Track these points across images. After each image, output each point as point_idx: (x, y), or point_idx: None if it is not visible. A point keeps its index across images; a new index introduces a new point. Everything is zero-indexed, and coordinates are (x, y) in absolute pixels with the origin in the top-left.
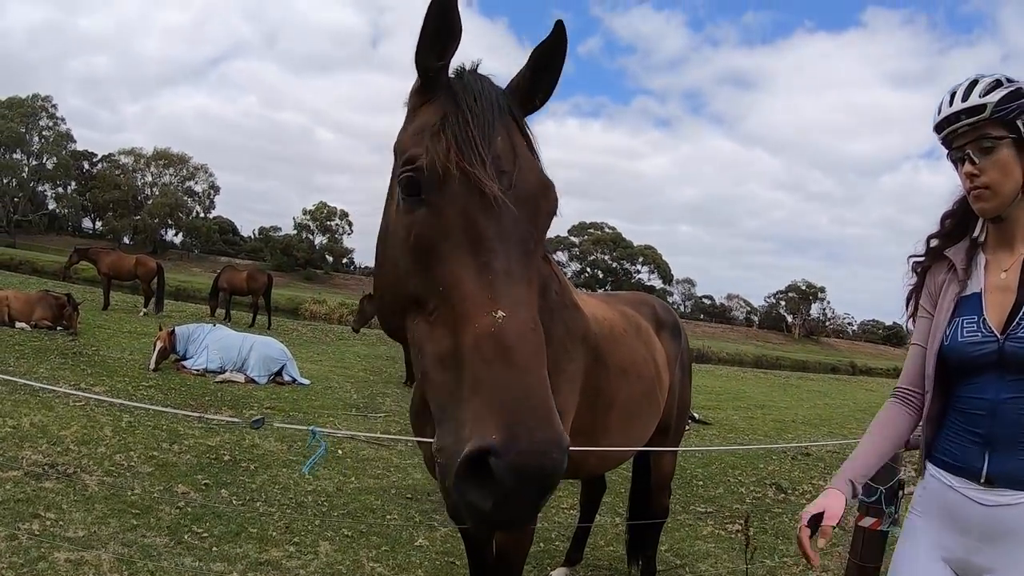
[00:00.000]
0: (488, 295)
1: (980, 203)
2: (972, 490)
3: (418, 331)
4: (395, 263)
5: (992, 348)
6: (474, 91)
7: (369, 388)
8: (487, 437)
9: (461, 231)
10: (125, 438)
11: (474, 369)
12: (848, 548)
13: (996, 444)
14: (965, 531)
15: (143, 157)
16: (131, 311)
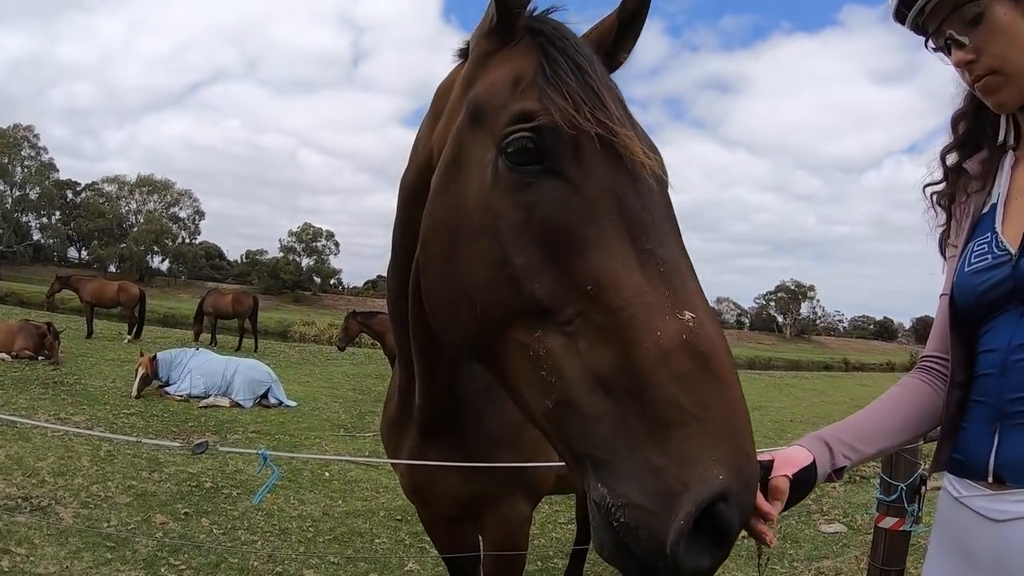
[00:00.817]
0: (665, 292)
1: (993, 96)
2: (979, 498)
3: (547, 347)
4: (492, 258)
5: (1004, 274)
6: (567, 38)
7: (357, 407)
8: (714, 479)
9: (614, 212)
10: (103, 468)
11: (667, 391)
12: (867, 552)
13: (1007, 418)
14: (975, 567)
15: (127, 184)
16: (115, 339)
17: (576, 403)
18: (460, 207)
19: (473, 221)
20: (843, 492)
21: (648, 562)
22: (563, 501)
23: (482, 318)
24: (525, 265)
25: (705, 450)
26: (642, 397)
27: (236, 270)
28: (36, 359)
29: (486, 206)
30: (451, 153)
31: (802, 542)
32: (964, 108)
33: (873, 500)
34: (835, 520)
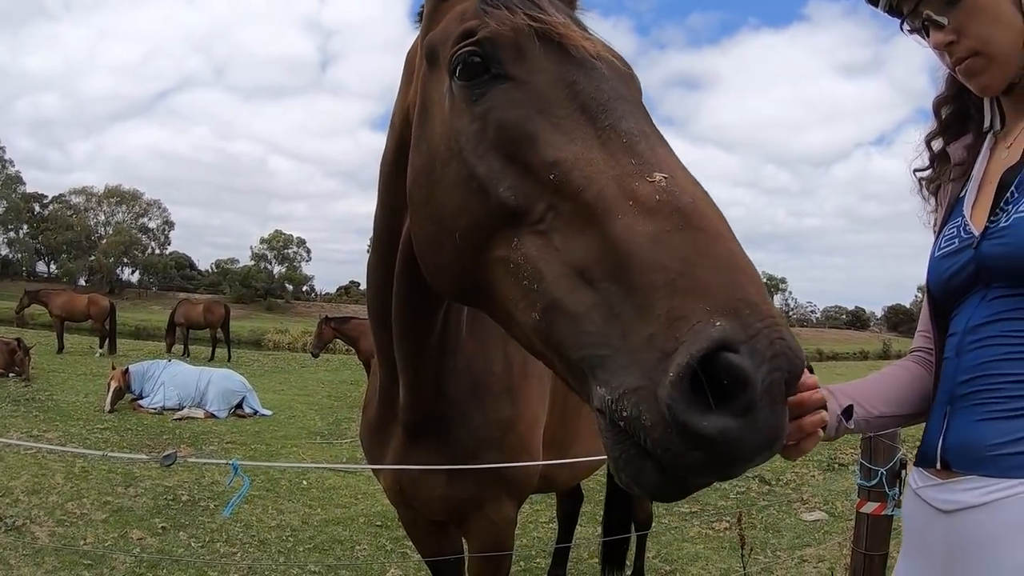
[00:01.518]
0: (632, 161)
1: (976, 79)
2: (931, 488)
3: (525, 253)
4: (460, 179)
5: (967, 257)
6: None
7: (333, 414)
8: (709, 328)
9: (565, 98)
10: (78, 484)
11: (648, 258)
12: (849, 538)
13: (956, 401)
14: (930, 562)
15: (95, 196)
16: (86, 353)
17: (561, 304)
18: (430, 147)
19: (441, 153)
20: (823, 480)
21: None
22: (544, 500)
23: (462, 245)
24: (488, 172)
25: (694, 304)
26: (626, 275)
27: (207, 280)
28: (6, 376)
29: (448, 132)
30: (420, 102)
31: (784, 531)
32: (946, 92)
33: (853, 487)
34: (816, 508)
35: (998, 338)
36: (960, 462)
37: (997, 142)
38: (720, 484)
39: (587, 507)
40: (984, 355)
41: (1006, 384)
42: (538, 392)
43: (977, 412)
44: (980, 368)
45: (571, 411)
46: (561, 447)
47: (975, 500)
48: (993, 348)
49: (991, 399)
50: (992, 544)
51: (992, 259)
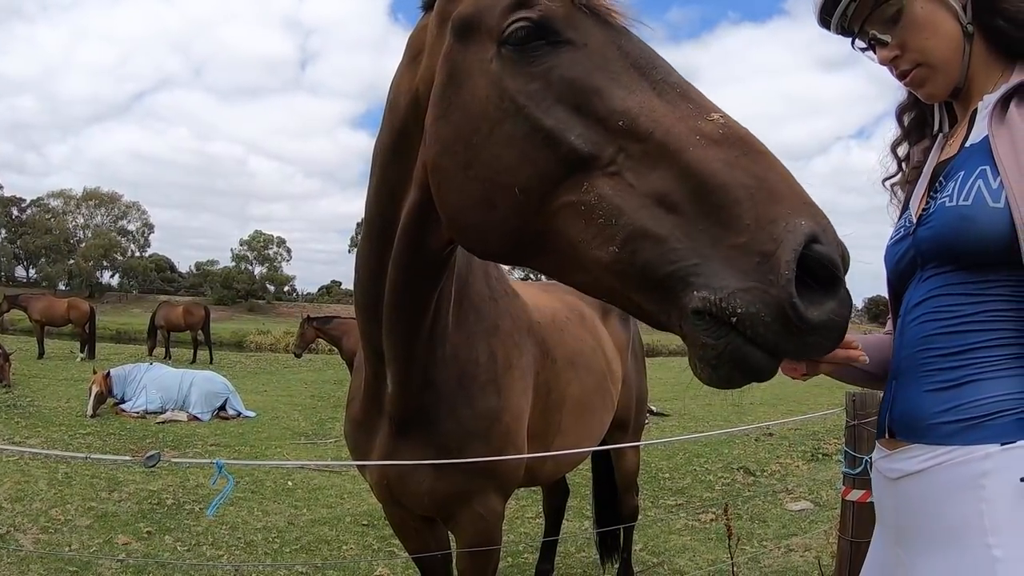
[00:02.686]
0: (689, 106)
1: (922, 89)
2: (882, 459)
3: (599, 192)
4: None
5: (908, 243)
6: None
7: (317, 414)
8: (799, 226)
9: (619, 58)
10: (61, 491)
11: (726, 178)
12: (835, 526)
13: (899, 375)
14: (886, 531)
15: (73, 199)
16: (68, 358)
17: (645, 230)
18: (470, 112)
19: (489, 114)
20: (807, 470)
21: (779, 339)
22: (530, 496)
23: (524, 199)
24: (556, 125)
25: (779, 209)
26: (706, 196)
27: (188, 282)
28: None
29: (499, 94)
30: (444, 76)
31: (770, 521)
32: (906, 100)
33: (837, 476)
34: (801, 498)
35: (931, 314)
36: (904, 432)
37: (946, 141)
38: (705, 476)
39: (573, 502)
40: (921, 331)
41: (940, 357)
42: (521, 385)
43: (918, 384)
44: (918, 343)
45: (553, 405)
46: (544, 440)
47: (914, 467)
48: (928, 324)
49: (929, 371)
50: (928, 507)
51: (923, 243)
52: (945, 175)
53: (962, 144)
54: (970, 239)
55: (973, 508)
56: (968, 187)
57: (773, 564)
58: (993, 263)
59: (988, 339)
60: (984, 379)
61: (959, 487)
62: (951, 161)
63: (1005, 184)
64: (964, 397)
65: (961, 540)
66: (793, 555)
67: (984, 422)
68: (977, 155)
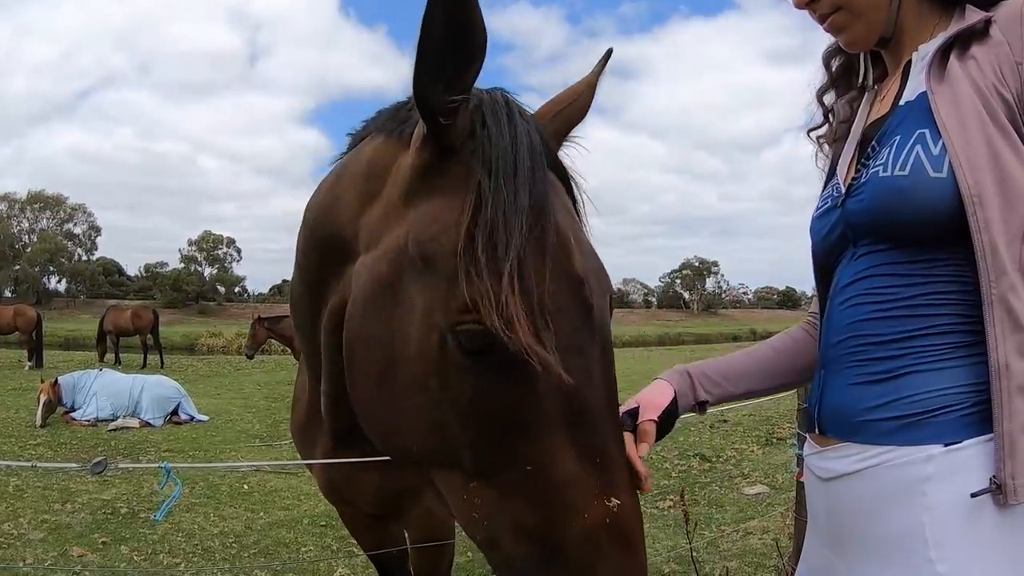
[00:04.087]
0: (597, 481)
1: (842, 35)
2: (813, 456)
3: (482, 496)
4: (432, 419)
5: (836, 215)
6: (512, 151)
7: (272, 416)
8: None
9: (556, 408)
10: (13, 504)
11: (584, 559)
12: (792, 508)
13: (828, 364)
14: (818, 532)
15: (17, 202)
16: (15, 367)
17: (502, 543)
18: (395, 344)
19: (412, 372)
20: (762, 454)
21: None
22: None
23: (418, 455)
24: (467, 437)
25: None
26: (561, 556)
27: (137, 285)
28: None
29: (429, 369)
30: (388, 276)
31: (727, 505)
32: (834, 44)
33: (791, 459)
34: (757, 482)
35: (863, 296)
36: (834, 428)
37: (875, 96)
38: (661, 464)
39: None
40: (851, 315)
41: (873, 345)
42: None
43: (848, 375)
44: (848, 329)
45: None
46: None
47: (848, 468)
48: (859, 307)
49: (860, 361)
50: (864, 514)
51: (854, 217)
52: (878, 139)
53: (895, 101)
54: (908, 215)
55: (914, 517)
56: (905, 154)
57: (732, 548)
58: (934, 240)
59: (928, 325)
60: (924, 371)
61: (898, 493)
62: (884, 122)
63: (948, 149)
64: (902, 391)
65: (901, 552)
66: (751, 538)
67: (925, 419)
68: (913, 115)
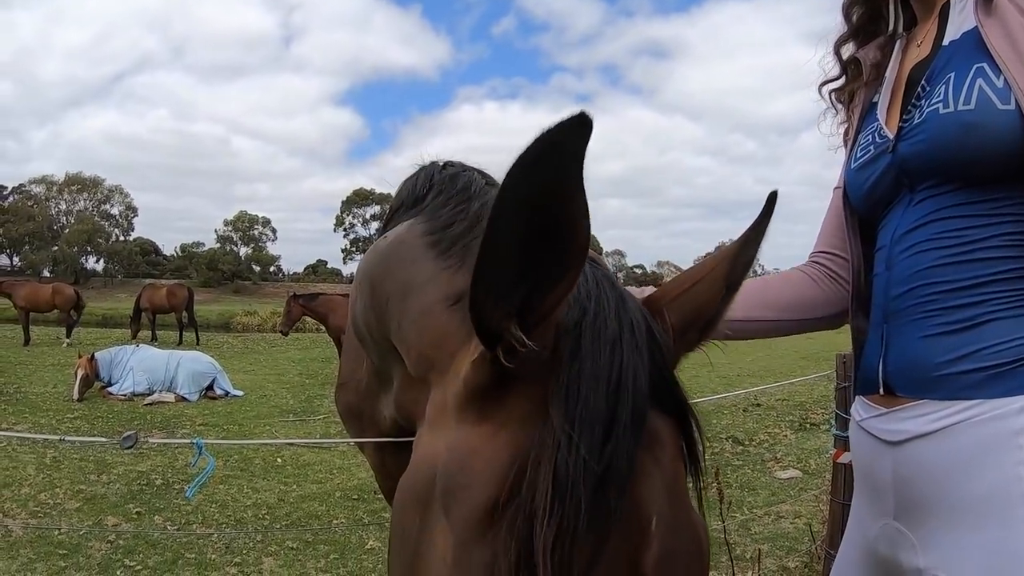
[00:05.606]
0: None
1: None
2: (875, 419)
3: None
4: None
5: (886, 162)
6: (605, 405)
7: (305, 392)
8: None
9: None
10: (50, 475)
11: None
12: (826, 491)
13: (892, 317)
14: (882, 502)
15: (55, 184)
16: (54, 344)
17: None
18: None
19: None
20: (795, 439)
21: None
22: None
23: None
24: None
25: None
26: None
27: (173, 264)
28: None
29: None
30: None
31: (759, 489)
32: None
33: (825, 445)
34: (790, 466)
35: (930, 242)
36: (905, 386)
37: (908, 43)
38: None
39: None
40: (917, 263)
41: (944, 293)
42: None
43: (918, 328)
44: (914, 278)
45: None
46: None
47: (923, 428)
48: (926, 254)
49: (931, 312)
50: (946, 476)
51: (912, 159)
52: (927, 79)
53: (935, 43)
54: (976, 150)
55: (1009, 473)
56: (967, 89)
57: (763, 531)
58: (1003, 177)
59: (1006, 269)
60: (1006, 317)
61: (988, 449)
62: (928, 63)
63: (1011, 81)
64: (984, 340)
65: (995, 512)
66: (783, 522)
67: (1013, 369)
68: (964, 52)
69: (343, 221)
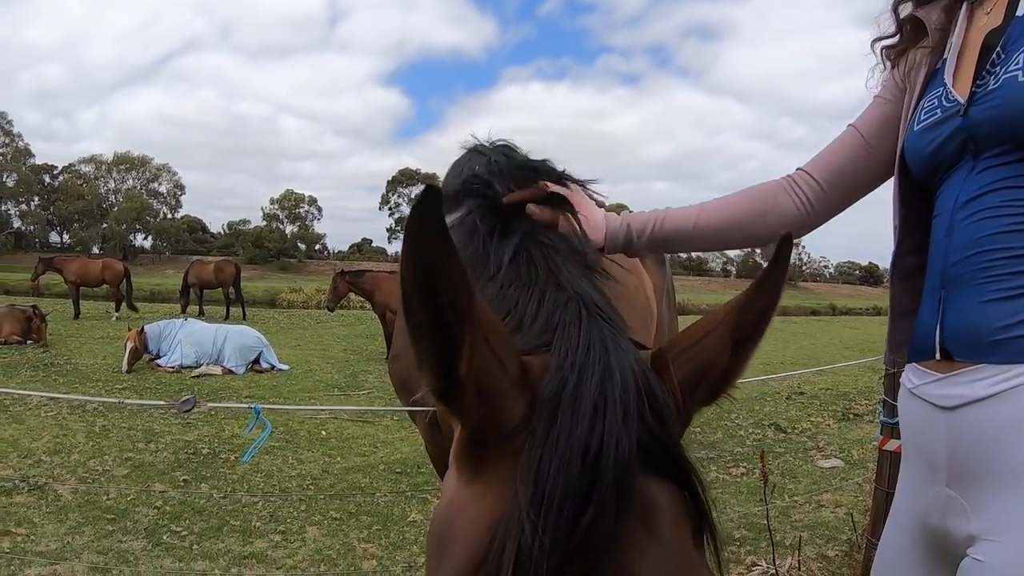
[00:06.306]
0: None
1: None
2: (930, 384)
3: None
4: None
5: (955, 125)
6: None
7: (350, 367)
8: None
9: None
10: (99, 442)
11: None
12: (869, 479)
13: (950, 282)
14: (934, 470)
15: (104, 164)
16: (103, 318)
17: None
18: None
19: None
20: (838, 429)
21: None
22: None
23: None
24: None
25: None
26: None
27: (220, 242)
28: (24, 343)
29: None
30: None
31: (800, 477)
32: None
33: (868, 436)
34: (832, 455)
35: (994, 210)
36: (963, 350)
37: (974, 9)
38: (736, 431)
39: None
40: (979, 230)
41: (1005, 260)
42: None
43: (978, 293)
44: (977, 244)
45: None
46: None
47: (982, 392)
48: (989, 221)
49: (992, 277)
50: (1000, 440)
51: (982, 125)
52: (1002, 47)
53: (1008, 13)
54: None
55: None
56: None
57: (804, 519)
58: None
59: None
60: None
61: None
62: (1003, 31)
63: None
64: None
65: None
66: (824, 511)
67: None
68: None
69: (388, 200)
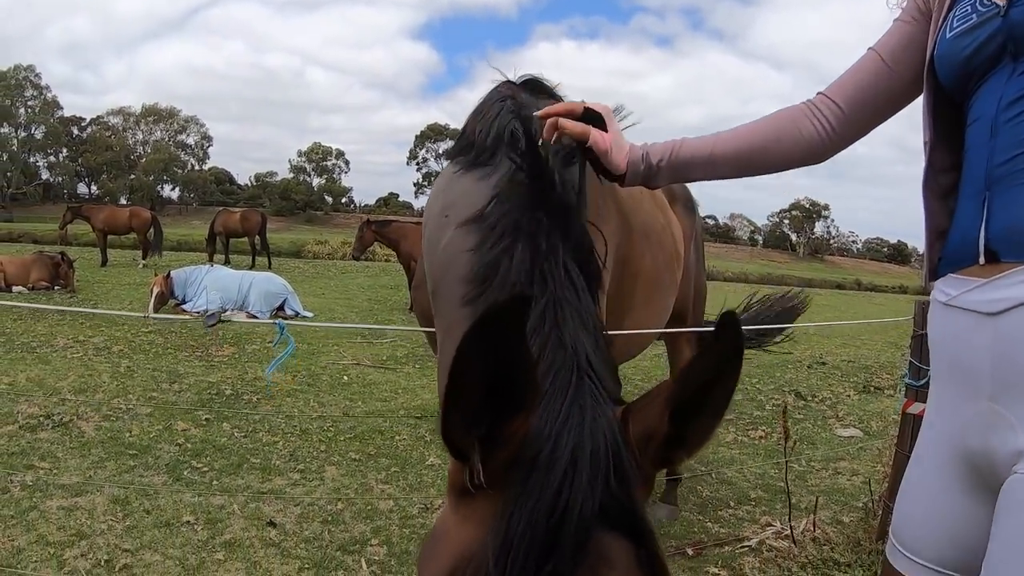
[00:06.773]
0: None
1: None
2: (971, 292)
3: None
4: None
5: (995, 27)
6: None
7: (374, 316)
8: None
9: None
10: (123, 383)
11: None
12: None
13: (997, 182)
14: (975, 385)
15: (132, 115)
16: (129, 265)
17: None
18: None
19: None
20: (858, 400)
21: None
22: None
23: None
24: None
25: None
26: None
27: (247, 193)
28: (52, 289)
29: None
30: None
31: (819, 444)
32: None
33: (888, 408)
34: (851, 425)
35: None
36: (1011, 250)
37: None
38: (756, 396)
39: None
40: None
41: None
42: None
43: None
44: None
45: (629, 277)
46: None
47: None
48: None
49: None
50: None
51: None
52: None
53: None
54: None
55: None
56: None
57: (820, 484)
58: None
59: None
60: None
61: None
62: None
63: None
64: None
65: None
66: (840, 477)
67: None
68: None
69: (416, 155)
